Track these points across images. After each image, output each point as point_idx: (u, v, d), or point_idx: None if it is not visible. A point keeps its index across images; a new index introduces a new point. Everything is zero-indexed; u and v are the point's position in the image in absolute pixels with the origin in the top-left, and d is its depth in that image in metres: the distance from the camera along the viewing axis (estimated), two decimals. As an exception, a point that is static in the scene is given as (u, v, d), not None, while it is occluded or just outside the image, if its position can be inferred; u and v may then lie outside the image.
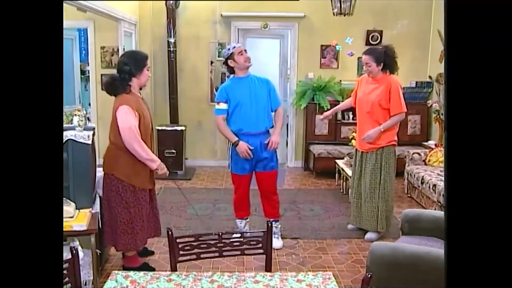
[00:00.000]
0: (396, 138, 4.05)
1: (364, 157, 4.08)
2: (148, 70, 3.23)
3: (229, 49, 3.73)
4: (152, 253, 3.81)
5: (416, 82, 6.64)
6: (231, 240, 2.24)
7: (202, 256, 2.21)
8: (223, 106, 3.75)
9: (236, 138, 3.74)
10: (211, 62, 6.73)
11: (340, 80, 6.64)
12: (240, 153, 3.74)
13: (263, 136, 3.79)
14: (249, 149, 3.72)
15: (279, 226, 4.07)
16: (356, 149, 4.21)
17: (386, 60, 3.92)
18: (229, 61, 3.74)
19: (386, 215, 4.06)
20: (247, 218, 4.10)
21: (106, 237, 3.31)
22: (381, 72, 3.95)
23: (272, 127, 3.88)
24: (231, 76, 3.93)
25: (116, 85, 3.13)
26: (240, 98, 3.72)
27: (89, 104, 6.77)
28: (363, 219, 4.15)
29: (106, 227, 3.28)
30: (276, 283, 1.92)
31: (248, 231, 3.78)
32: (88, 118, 3.71)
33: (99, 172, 3.40)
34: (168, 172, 3.32)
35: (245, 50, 3.78)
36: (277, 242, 3.92)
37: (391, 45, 4.04)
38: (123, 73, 3.13)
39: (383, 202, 4.02)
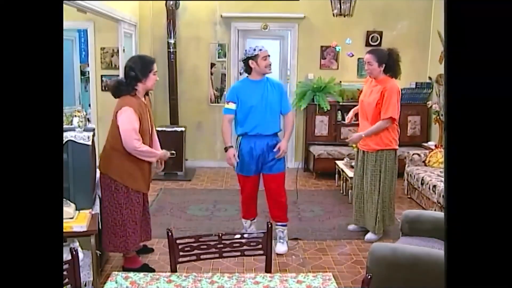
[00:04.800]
0: (397, 142, 4.03)
1: (366, 157, 4.07)
2: (154, 75, 3.23)
3: (254, 49, 3.65)
4: (152, 250, 3.83)
5: (416, 83, 6.64)
6: (231, 241, 2.24)
7: (202, 257, 2.21)
8: (232, 106, 3.74)
9: (229, 144, 3.78)
10: (212, 65, 6.74)
11: (340, 81, 6.64)
12: (226, 160, 3.80)
13: (270, 139, 3.75)
14: (236, 159, 3.74)
15: (285, 231, 3.96)
16: (358, 149, 4.21)
17: (389, 62, 3.88)
18: (250, 62, 3.66)
19: (383, 216, 4.05)
20: (253, 219, 4.06)
21: (103, 239, 3.31)
22: (383, 74, 3.93)
23: (280, 130, 3.83)
24: (245, 76, 3.85)
25: (121, 89, 3.17)
26: (251, 100, 3.69)
27: (89, 105, 6.77)
28: (366, 218, 4.14)
29: (103, 229, 3.30)
30: (276, 284, 1.92)
31: (251, 231, 3.77)
32: (88, 119, 3.71)
33: (99, 173, 3.40)
34: (167, 156, 3.49)
35: (269, 56, 3.70)
36: (281, 247, 3.87)
37: (396, 48, 4.02)
38: (129, 78, 3.16)
39: (381, 204, 4.01)
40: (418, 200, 5.18)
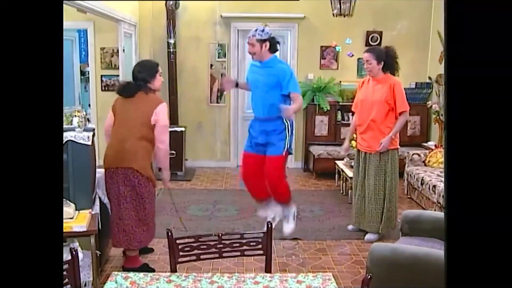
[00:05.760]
0: (398, 141, 4.06)
1: (368, 158, 4.07)
2: (160, 76, 3.44)
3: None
4: (152, 250, 3.85)
5: (416, 83, 6.65)
6: (231, 241, 2.24)
7: (202, 257, 2.21)
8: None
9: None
10: (211, 65, 6.74)
11: (340, 81, 6.65)
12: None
13: (266, 124, 3.87)
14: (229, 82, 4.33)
15: (292, 209, 4.01)
16: (358, 150, 4.20)
17: (387, 59, 3.92)
18: None
19: (389, 216, 4.06)
20: (265, 202, 4.07)
21: (125, 237, 3.32)
22: (382, 72, 3.95)
23: (275, 116, 3.83)
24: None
25: (131, 88, 3.33)
26: (250, 80, 4.00)
27: (89, 105, 6.77)
28: (366, 220, 4.13)
29: (120, 227, 3.30)
30: (276, 284, 1.92)
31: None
32: (88, 119, 3.72)
33: (99, 173, 3.40)
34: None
35: (251, 44, 3.81)
36: (287, 226, 3.92)
37: (392, 46, 4.08)
38: (138, 80, 3.33)
39: (388, 204, 4.02)
40: (418, 200, 5.19)
